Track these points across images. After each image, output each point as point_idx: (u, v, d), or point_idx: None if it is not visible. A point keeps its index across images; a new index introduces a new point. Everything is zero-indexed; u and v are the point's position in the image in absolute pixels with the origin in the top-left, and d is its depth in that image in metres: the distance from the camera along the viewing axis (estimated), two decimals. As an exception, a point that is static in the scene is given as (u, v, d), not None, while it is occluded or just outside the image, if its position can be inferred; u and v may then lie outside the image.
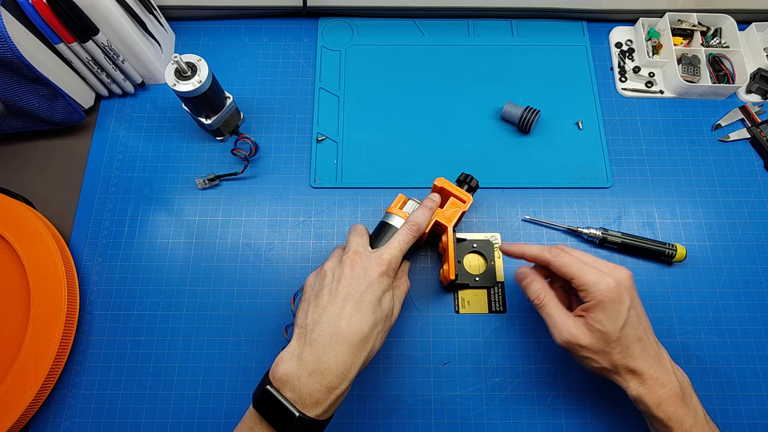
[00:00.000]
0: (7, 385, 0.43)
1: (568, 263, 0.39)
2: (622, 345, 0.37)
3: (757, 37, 0.58)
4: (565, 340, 0.38)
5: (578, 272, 0.38)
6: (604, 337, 0.37)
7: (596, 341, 0.37)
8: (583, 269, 0.38)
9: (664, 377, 0.38)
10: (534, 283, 0.41)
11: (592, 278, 0.37)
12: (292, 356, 0.35)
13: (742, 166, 0.55)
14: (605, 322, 0.37)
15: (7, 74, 0.45)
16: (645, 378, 0.38)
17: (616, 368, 0.38)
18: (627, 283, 0.38)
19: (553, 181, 0.54)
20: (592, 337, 0.37)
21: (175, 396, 0.47)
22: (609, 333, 0.37)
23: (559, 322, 0.39)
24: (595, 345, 0.37)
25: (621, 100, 0.58)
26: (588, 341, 0.37)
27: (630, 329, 0.37)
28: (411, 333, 0.49)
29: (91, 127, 0.57)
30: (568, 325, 0.38)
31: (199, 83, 0.45)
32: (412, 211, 0.45)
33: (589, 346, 0.37)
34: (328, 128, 0.57)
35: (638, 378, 0.38)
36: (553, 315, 0.39)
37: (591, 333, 0.37)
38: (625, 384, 0.38)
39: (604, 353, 0.38)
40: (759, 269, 0.51)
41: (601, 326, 0.37)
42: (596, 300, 0.37)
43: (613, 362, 0.38)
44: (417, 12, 0.61)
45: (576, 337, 0.38)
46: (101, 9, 0.47)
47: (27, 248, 0.47)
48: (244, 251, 0.52)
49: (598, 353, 0.38)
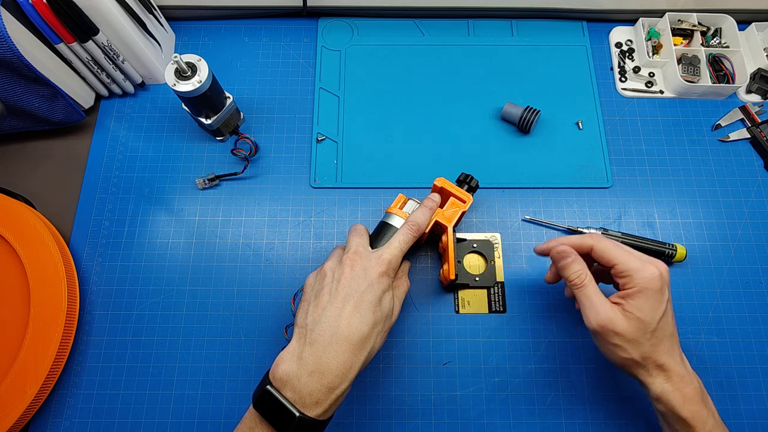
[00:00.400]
0: (7, 385, 0.43)
1: (611, 247, 0.38)
2: (656, 337, 0.37)
3: (757, 37, 0.58)
4: (601, 323, 0.37)
5: (621, 258, 0.38)
6: (641, 326, 0.36)
7: (632, 329, 0.37)
8: (626, 255, 0.38)
9: (688, 376, 0.37)
10: (575, 263, 0.40)
11: (635, 265, 0.37)
12: (292, 356, 0.35)
13: (742, 166, 0.55)
14: (645, 311, 0.36)
15: (7, 74, 0.45)
16: (671, 375, 0.37)
17: (645, 361, 0.37)
18: (667, 276, 0.38)
19: (553, 181, 0.54)
20: (629, 324, 0.37)
21: (175, 396, 0.47)
22: (647, 322, 0.36)
23: (597, 303, 0.38)
24: (631, 333, 0.37)
25: (621, 100, 0.58)
26: (624, 328, 0.37)
27: (666, 322, 0.37)
28: (411, 333, 0.49)
29: (91, 127, 0.57)
30: (606, 308, 0.37)
31: (199, 83, 0.45)
32: (412, 211, 0.45)
33: (624, 333, 0.37)
34: (328, 128, 0.57)
35: (665, 374, 0.37)
36: (592, 296, 0.38)
37: (628, 320, 0.37)
38: (650, 379, 0.38)
39: (636, 343, 0.37)
40: (759, 269, 0.51)
41: (641, 314, 0.36)
42: (639, 287, 0.36)
43: (644, 354, 0.37)
44: (417, 12, 0.61)
45: (613, 322, 0.37)
46: (101, 9, 0.47)
47: (27, 248, 0.47)
48: (244, 251, 0.52)
49: (631, 342, 0.37)
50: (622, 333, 0.37)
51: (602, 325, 0.37)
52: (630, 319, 0.37)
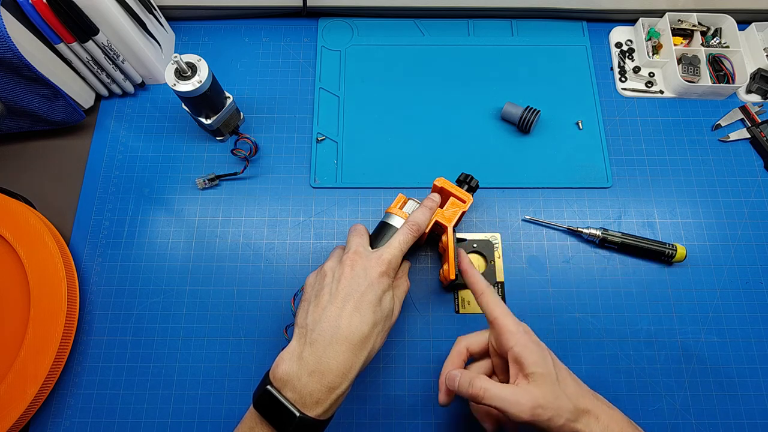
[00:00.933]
0: (7, 385, 0.43)
1: (479, 334, 0.40)
2: (564, 383, 0.35)
3: (757, 37, 0.58)
4: (533, 406, 0.33)
5: (501, 327, 0.37)
6: (549, 380, 0.35)
7: (548, 391, 0.34)
8: (502, 321, 0.38)
9: (607, 408, 0.36)
10: (464, 376, 0.37)
11: (507, 330, 0.37)
12: (293, 356, 0.35)
13: (742, 166, 0.55)
14: (540, 364, 0.35)
15: (7, 74, 0.45)
16: (598, 414, 0.35)
17: (577, 414, 0.34)
18: (525, 325, 0.38)
19: (553, 181, 0.54)
20: (542, 388, 0.34)
21: (175, 396, 0.47)
22: (549, 373, 0.35)
23: (510, 394, 0.34)
24: (549, 395, 0.34)
25: (621, 100, 0.58)
26: (544, 396, 0.34)
27: (557, 364, 0.36)
28: (411, 333, 0.49)
29: (91, 127, 0.57)
30: (521, 392, 0.34)
31: (199, 83, 0.45)
32: (412, 211, 0.45)
33: (547, 402, 0.34)
34: (328, 128, 0.57)
35: (593, 417, 0.35)
36: (502, 392, 0.34)
37: (539, 385, 0.34)
38: (588, 430, 0.34)
39: (559, 404, 0.34)
40: (759, 269, 0.51)
41: (540, 368, 0.35)
42: (517, 346, 0.36)
43: (570, 408, 0.34)
44: (417, 12, 0.61)
45: (536, 398, 0.34)
46: (101, 9, 0.47)
47: (27, 248, 0.47)
48: (244, 251, 0.52)
49: (557, 406, 0.34)
50: (546, 403, 0.34)
51: (534, 407, 0.33)
52: (538, 382, 0.34)
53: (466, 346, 0.41)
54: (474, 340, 0.41)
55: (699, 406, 0.46)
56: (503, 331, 0.37)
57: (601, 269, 0.51)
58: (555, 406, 0.34)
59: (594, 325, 0.49)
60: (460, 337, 0.42)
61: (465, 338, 0.41)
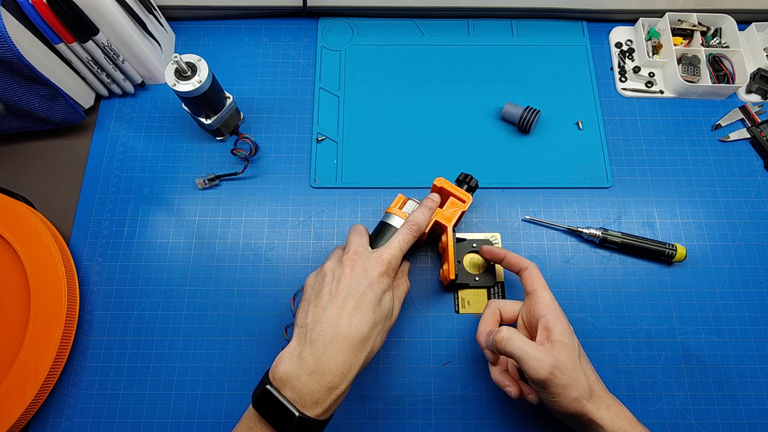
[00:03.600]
0: (7, 385, 0.43)
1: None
2: (585, 360, 0.38)
3: (757, 37, 0.58)
4: (553, 366, 0.35)
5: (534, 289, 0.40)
6: (572, 352, 0.36)
7: (569, 359, 0.36)
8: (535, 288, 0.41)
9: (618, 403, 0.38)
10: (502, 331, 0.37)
11: (538, 294, 0.40)
12: (292, 356, 0.35)
13: (742, 166, 0.55)
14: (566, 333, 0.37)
15: (7, 74, 0.46)
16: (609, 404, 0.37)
17: (591, 395, 0.36)
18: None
19: (553, 181, 0.54)
20: (565, 354, 0.36)
21: (175, 396, 0.47)
22: (572, 345, 0.37)
23: (533, 350, 0.35)
24: (569, 363, 0.35)
25: (621, 100, 0.58)
26: (565, 362, 0.35)
27: (581, 349, 0.38)
28: (411, 333, 0.49)
29: (91, 127, 0.57)
30: (543, 351, 0.35)
31: (199, 83, 0.45)
32: (411, 211, 0.45)
33: (566, 368, 0.35)
34: (328, 128, 0.57)
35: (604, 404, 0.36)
36: (526, 345, 0.36)
37: (561, 351, 0.36)
38: (601, 413, 0.36)
39: (576, 376, 0.35)
40: (759, 269, 0.51)
41: (565, 338, 0.37)
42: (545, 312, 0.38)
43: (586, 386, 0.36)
44: (417, 12, 0.61)
45: (557, 360, 0.35)
46: (101, 9, 0.47)
47: (27, 248, 0.47)
48: (244, 251, 0.52)
49: (575, 378, 0.35)
50: (564, 368, 0.35)
51: (555, 366, 0.35)
52: (561, 349, 0.36)
53: (498, 308, 0.44)
54: (506, 305, 0.44)
55: (699, 406, 0.46)
56: (539, 301, 0.40)
57: (601, 269, 0.51)
58: (573, 377, 0.36)
59: (594, 325, 0.49)
60: (492, 300, 0.45)
61: (497, 302, 0.44)
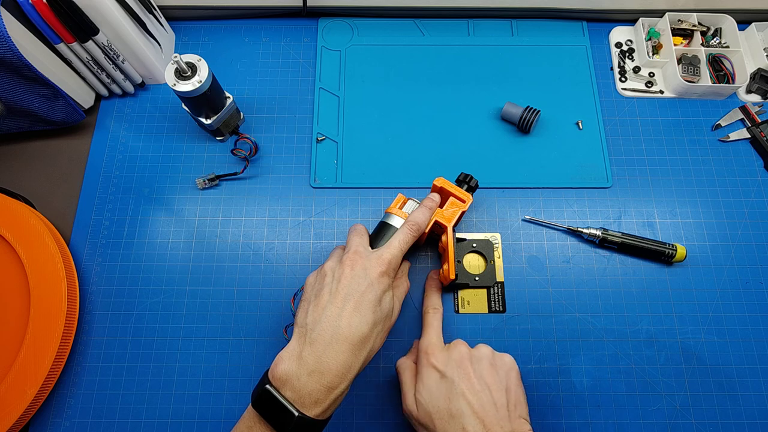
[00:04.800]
0: (7, 385, 0.43)
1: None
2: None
3: (757, 37, 0.58)
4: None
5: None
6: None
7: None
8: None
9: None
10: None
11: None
12: (292, 356, 0.35)
13: (742, 166, 0.55)
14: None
15: (7, 74, 0.46)
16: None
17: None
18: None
19: (553, 181, 0.54)
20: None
21: (175, 396, 0.47)
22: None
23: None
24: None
25: (621, 100, 0.58)
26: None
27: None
28: (411, 333, 0.49)
29: (91, 127, 0.57)
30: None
31: (199, 83, 0.45)
32: (411, 211, 0.45)
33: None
34: (328, 128, 0.57)
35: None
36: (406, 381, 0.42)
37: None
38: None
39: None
40: (759, 269, 0.51)
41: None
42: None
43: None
44: (417, 12, 0.61)
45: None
46: (101, 9, 0.47)
47: (27, 248, 0.47)
48: (244, 251, 0.52)
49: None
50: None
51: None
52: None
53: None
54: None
55: (699, 406, 0.46)
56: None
57: (601, 269, 0.51)
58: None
59: (594, 325, 0.49)
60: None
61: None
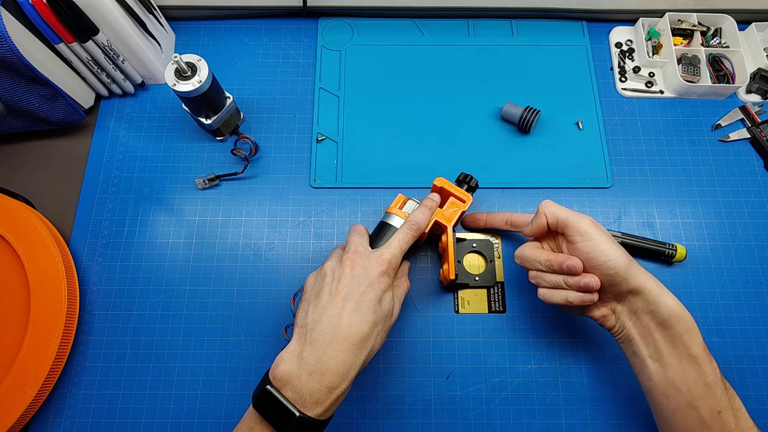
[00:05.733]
0: (7, 385, 0.43)
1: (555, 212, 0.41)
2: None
3: (757, 37, 0.58)
4: (591, 219, 0.39)
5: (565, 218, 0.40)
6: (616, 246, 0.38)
7: (621, 252, 0.38)
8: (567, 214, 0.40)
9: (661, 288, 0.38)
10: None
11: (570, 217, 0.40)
12: (292, 356, 0.35)
13: (742, 166, 0.55)
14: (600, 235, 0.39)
15: (7, 74, 0.45)
16: (657, 290, 0.38)
17: (640, 286, 0.37)
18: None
19: (553, 181, 0.54)
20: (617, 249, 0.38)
21: (175, 396, 0.47)
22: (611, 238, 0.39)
23: (572, 214, 0.39)
24: (623, 256, 0.38)
25: (621, 100, 0.58)
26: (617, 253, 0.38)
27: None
28: (411, 333, 0.49)
29: (91, 127, 0.57)
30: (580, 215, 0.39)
31: (199, 83, 0.45)
32: (411, 210, 0.45)
33: (621, 257, 0.37)
34: (328, 128, 0.57)
35: (650, 293, 0.37)
36: (565, 210, 0.40)
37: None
38: (656, 303, 0.37)
39: (630, 268, 0.37)
40: (759, 269, 0.51)
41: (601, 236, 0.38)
42: (582, 228, 0.39)
43: (636, 276, 0.37)
44: (417, 12, 0.61)
45: (620, 254, 0.37)
46: (101, 9, 0.47)
47: (27, 248, 0.47)
48: (244, 251, 0.52)
49: (628, 268, 0.37)
50: (601, 227, 0.39)
51: (594, 222, 0.39)
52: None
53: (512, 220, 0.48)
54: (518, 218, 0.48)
55: (699, 406, 0.46)
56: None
57: (601, 269, 0.51)
58: (627, 267, 0.38)
59: (594, 325, 0.49)
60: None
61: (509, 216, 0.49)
